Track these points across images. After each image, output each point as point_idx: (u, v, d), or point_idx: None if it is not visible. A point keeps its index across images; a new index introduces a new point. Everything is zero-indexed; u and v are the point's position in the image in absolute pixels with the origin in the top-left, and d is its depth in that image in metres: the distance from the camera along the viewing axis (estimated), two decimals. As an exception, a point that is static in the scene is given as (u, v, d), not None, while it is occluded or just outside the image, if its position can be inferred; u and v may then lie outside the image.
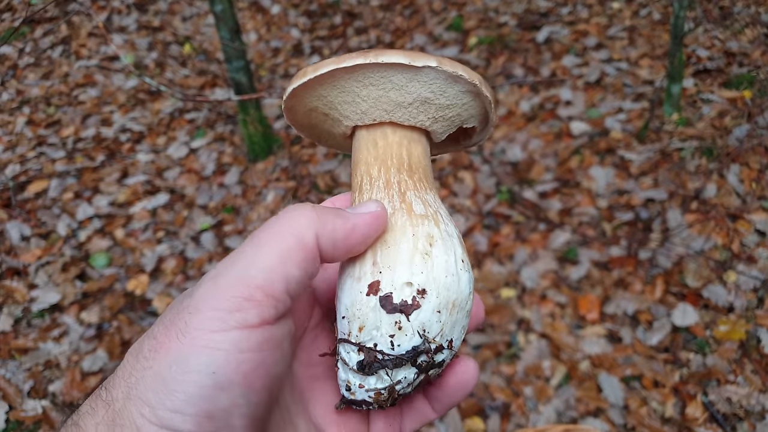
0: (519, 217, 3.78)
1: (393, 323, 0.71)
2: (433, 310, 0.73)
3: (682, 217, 3.51)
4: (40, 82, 5.93)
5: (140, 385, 0.60)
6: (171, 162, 4.78)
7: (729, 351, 2.91)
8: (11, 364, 3.35)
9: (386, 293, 0.72)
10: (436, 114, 0.86)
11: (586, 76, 4.71)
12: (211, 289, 0.63)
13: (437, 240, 0.76)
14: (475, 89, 0.83)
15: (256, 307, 0.61)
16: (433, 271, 0.73)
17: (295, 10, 6.49)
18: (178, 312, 0.63)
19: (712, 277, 3.20)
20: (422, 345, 0.72)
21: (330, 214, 0.70)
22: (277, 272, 0.64)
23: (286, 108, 0.88)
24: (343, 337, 0.75)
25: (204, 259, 3.94)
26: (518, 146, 4.24)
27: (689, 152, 3.83)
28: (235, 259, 0.65)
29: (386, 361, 0.72)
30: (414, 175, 0.82)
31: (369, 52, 0.77)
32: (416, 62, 0.76)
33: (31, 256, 4.01)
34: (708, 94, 4.22)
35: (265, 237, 0.66)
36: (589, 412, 2.85)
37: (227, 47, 4.03)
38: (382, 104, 0.83)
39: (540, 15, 5.51)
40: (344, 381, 0.75)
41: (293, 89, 0.82)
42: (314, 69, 0.79)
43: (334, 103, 0.85)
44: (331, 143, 1.02)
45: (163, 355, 0.60)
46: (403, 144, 0.85)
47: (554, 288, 3.37)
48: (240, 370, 0.60)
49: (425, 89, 0.81)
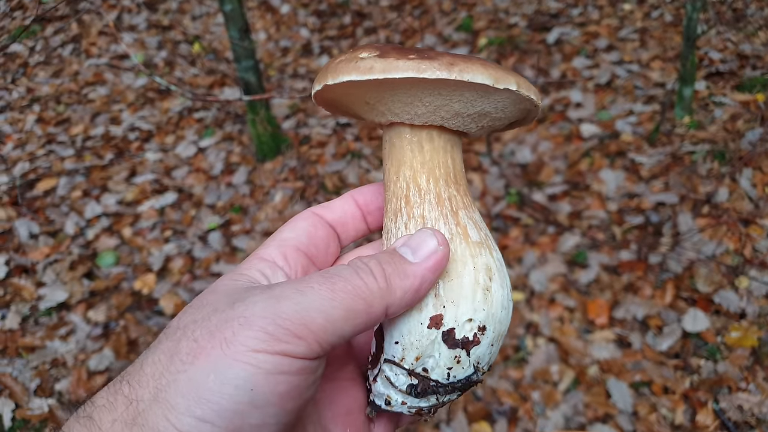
0: (528, 219, 3.76)
1: (452, 357, 0.74)
2: (489, 344, 0.76)
3: (693, 222, 3.47)
4: (50, 80, 5.96)
5: (171, 388, 0.58)
6: (179, 161, 4.78)
7: (741, 358, 2.87)
8: (18, 362, 3.35)
9: (449, 328, 0.74)
10: (486, 123, 0.86)
11: (596, 77, 4.67)
12: (269, 309, 0.62)
13: (495, 273, 0.78)
14: (533, 107, 0.82)
15: (305, 346, 0.61)
16: (492, 308, 0.75)
17: (304, 9, 6.48)
18: (227, 319, 0.61)
19: (723, 282, 3.16)
20: (474, 375, 0.76)
21: (397, 277, 0.69)
22: (337, 326, 0.63)
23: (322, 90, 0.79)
24: (394, 360, 0.76)
25: (211, 258, 3.93)
26: (528, 148, 4.21)
27: (701, 156, 3.79)
28: (303, 289, 0.64)
29: (439, 389, 0.74)
30: (459, 188, 0.82)
31: (453, 66, 0.71)
32: (499, 84, 0.73)
33: (39, 254, 4.02)
34: (720, 97, 4.18)
35: (340, 286, 0.65)
36: (598, 417, 2.82)
37: (236, 47, 4.03)
38: (442, 112, 0.80)
39: (550, 16, 5.48)
40: (383, 395, 0.76)
41: (348, 80, 0.73)
42: (384, 68, 0.71)
43: (388, 100, 0.80)
44: (349, 114, 0.93)
45: (202, 361, 0.59)
46: (447, 149, 0.84)
47: (563, 292, 3.34)
48: (276, 390, 0.60)
49: (490, 105, 0.80)
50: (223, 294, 0.67)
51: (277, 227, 3.65)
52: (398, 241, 0.75)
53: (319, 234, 0.83)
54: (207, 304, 0.66)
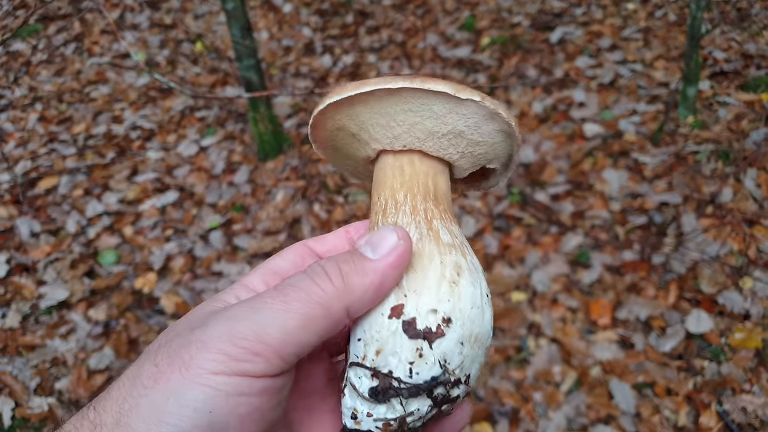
0: (530, 219, 3.74)
1: (414, 350, 0.69)
2: (457, 341, 0.70)
3: (696, 222, 3.45)
4: (52, 78, 5.95)
5: (133, 413, 0.59)
6: (181, 160, 4.77)
7: (744, 359, 2.85)
8: (18, 360, 3.34)
9: (410, 318, 0.70)
10: (466, 149, 0.85)
11: (599, 77, 4.65)
12: (225, 330, 0.62)
13: (464, 270, 0.75)
14: (509, 129, 0.83)
15: (264, 362, 0.61)
16: (459, 302, 0.72)
17: (307, 8, 6.47)
18: (185, 343, 0.62)
19: (727, 283, 3.14)
20: (441, 376, 0.69)
21: (355, 276, 0.68)
22: (295, 337, 0.63)
23: (313, 123, 0.86)
24: (357, 361, 0.72)
25: (212, 257, 3.92)
26: (530, 148, 4.19)
27: (705, 156, 3.77)
28: (257, 305, 0.64)
29: (402, 389, 0.68)
30: (439, 205, 0.82)
31: (415, 77, 0.77)
32: (460, 94, 0.76)
33: (40, 252, 4.02)
34: (725, 96, 4.15)
35: (293, 296, 0.65)
36: (600, 419, 2.80)
37: (238, 45, 4.01)
38: (416, 131, 0.82)
39: (553, 15, 5.46)
40: (350, 408, 0.71)
41: (329, 104, 0.80)
42: (355, 86, 0.78)
43: (367, 123, 0.84)
44: (351, 169, 1.00)
45: (162, 386, 0.59)
46: (430, 174, 0.84)
47: (565, 292, 3.32)
48: (236, 412, 0.59)
49: (462, 122, 0.81)
50: (190, 319, 0.67)
51: (278, 226, 3.63)
52: (360, 240, 0.74)
53: (306, 265, 0.81)
54: (174, 329, 0.66)
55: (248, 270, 3.82)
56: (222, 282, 3.75)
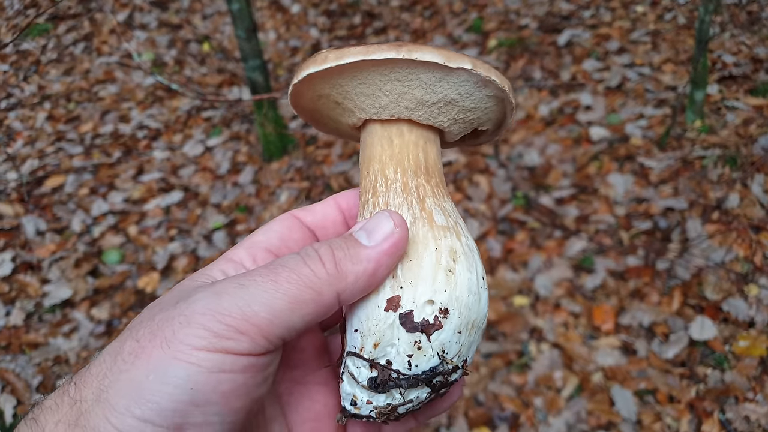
0: (534, 223, 3.71)
1: (412, 342, 0.68)
2: (454, 331, 0.70)
3: (702, 228, 3.41)
4: (61, 78, 5.99)
5: (112, 389, 0.57)
6: (186, 160, 4.79)
7: (749, 367, 2.81)
8: (21, 358, 3.36)
9: (407, 310, 0.69)
10: (457, 116, 0.82)
11: (607, 80, 4.61)
12: (209, 305, 0.60)
13: (460, 255, 0.73)
14: (503, 95, 0.80)
15: (248, 341, 0.59)
16: (456, 290, 0.70)
17: (314, 9, 6.47)
18: (168, 318, 0.60)
19: (732, 290, 3.10)
20: (440, 366, 0.69)
21: (348, 262, 0.66)
22: (282, 318, 0.61)
23: (293, 92, 0.82)
24: (354, 351, 0.71)
25: (215, 257, 3.92)
26: (536, 151, 4.16)
27: (712, 161, 3.73)
28: (246, 283, 0.62)
29: (401, 380, 0.68)
30: (431, 179, 0.79)
31: (402, 45, 0.72)
32: (451, 63, 0.72)
33: (46, 251, 4.04)
34: (733, 101, 4.11)
35: (284, 276, 0.63)
36: (601, 425, 2.78)
37: (243, 46, 4.02)
38: (404, 101, 0.79)
39: (562, 18, 5.42)
40: (349, 395, 0.72)
41: (308, 74, 0.76)
42: (337, 57, 0.73)
43: (351, 93, 0.80)
44: (333, 129, 0.96)
45: (143, 362, 0.57)
46: (419, 144, 0.81)
47: (568, 297, 3.29)
48: (219, 389, 0.58)
49: (452, 90, 0.78)
50: (174, 294, 0.66)
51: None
52: (355, 226, 0.72)
53: (294, 237, 0.80)
54: (156, 305, 0.65)
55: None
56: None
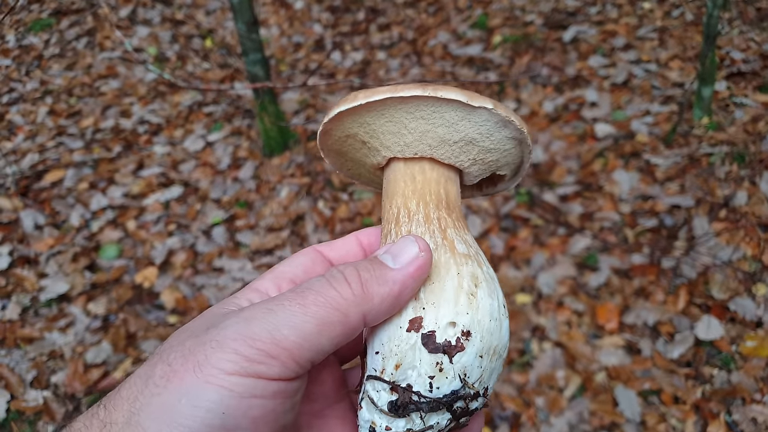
0: (538, 220, 3.65)
1: (434, 364, 0.68)
2: (476, 354, 0.70)
3: (709, 225, 3.34)
4: (63, 72, 5.96)
5: (144, 412, 0.58)
6: (187, 155, 4.75)
7: (756, 368, 2.75)
8: (16, 353, 3.32)
9: (429, 331, 0.69)
10: (477, 156, 0.85)
11: (612, 77, 4.55)
12: (240, 331, 0.61)
13: (482, 282, 0.74)
14: (521, 137, 0.83)
15: (279, 365, 0.60)
16: (478, 314, 0.71)
17: (318, 5, 6.43)
18: (200, 343, 0.61)
19: (739, 289, 3.04)
20: (461, 390, 0.69)
21: (374, 284, 0.67)
22: (310, 341, 0.62)
23: (323, 131, 0.85)
24: (375, 375, 0.71)
25: (214, 253, 3.88)
26: (540, 147, 4.10)
27: (719, 158, 3.66)
28: (274, 307, 0.63)
29: (422, 403, 0.67)
30: (452, 213, 0.81)
31: (427, 85, 0.76)
32: (473, 102, 0.76)
33: (44, 245, 4.00)
34: (741, 97, 4.04)
35: (311, 299, 0.64)
36: (604, 426, 2.72)
37: (244, 40, 3.97)
38: (428, 139, 0.82)
39: (567, 14, 5.36)
40: (368, 422, 0.70)
41: (339, 112, 0.80)
42: (367, 95, 0.77)
43: (378, 132, 0.83)
44: (355, 174, 0.99)
45: (175, 385, 0.58)
46: (441, 182, 0.84)
47: (572, 295, 3.23)
48: (249, 414, 0.59)
49: (474, 129, 0.81)
50: (203, 320, 0.66)
51: (281, 223, 3.58)
52: (380, 249, 0.73)
53: (317, 269, 0.80)
54: (186, 330, 0.65)
55: (249, 266, 3.78)
56: (222, 278, 3.71)
